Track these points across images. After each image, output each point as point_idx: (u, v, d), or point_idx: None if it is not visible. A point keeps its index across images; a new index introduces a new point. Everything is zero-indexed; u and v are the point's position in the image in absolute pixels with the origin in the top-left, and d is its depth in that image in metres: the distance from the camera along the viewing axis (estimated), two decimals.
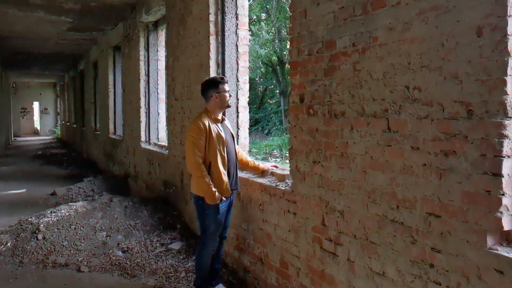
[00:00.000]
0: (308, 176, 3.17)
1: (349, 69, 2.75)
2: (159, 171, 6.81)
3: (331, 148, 2.92)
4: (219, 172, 3.60)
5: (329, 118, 2.93)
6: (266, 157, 12.79)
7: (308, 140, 3.16)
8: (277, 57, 25.06)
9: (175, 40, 5.89)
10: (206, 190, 3.53)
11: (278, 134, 23.21)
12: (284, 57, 26.05)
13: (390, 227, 2.46)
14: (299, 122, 3.26)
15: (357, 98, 2.70)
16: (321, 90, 3.01)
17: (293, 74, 3.32)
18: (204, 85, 3.77)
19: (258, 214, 3.87)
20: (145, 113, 7.77)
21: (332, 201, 2.92)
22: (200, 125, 3.57)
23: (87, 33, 10.46)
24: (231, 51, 4.79)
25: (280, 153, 12.43)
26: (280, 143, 18.98)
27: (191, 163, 3.57)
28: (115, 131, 10.64)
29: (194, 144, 3.55)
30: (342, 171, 2.83)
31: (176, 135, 5.96)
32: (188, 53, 5.41)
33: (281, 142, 19.37)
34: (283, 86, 25.42)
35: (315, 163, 3.09)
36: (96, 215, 5.42)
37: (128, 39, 8.46)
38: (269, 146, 18.61)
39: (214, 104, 3.69)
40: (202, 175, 3.52)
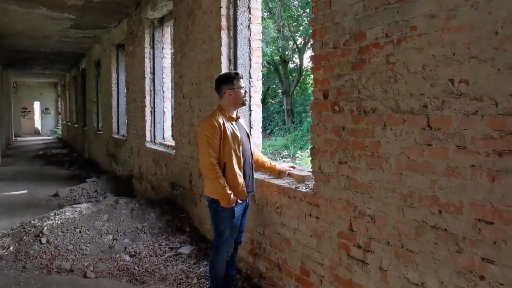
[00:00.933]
0: (333, 178, 2.96)
1: (382, 62, 2.54)
2: (165, 171, 6.60)
3: (360, 147, 2.71)
4: (235, 174, 3.38)
5: (358, 115, 2.72)
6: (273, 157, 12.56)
7: (333, 139, 2.95)
8: (280, 57, 24.90)
9: (183, 36, 5.67)
10: (221, 192, 3.32)
11: (281, 134, 23.02)
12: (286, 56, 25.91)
13: (430, 234, 2.25)
14: (323, 119, 3.05)
15: (390, 94, 2.48)
16: (348, 85, 2.80)
17: (316, 69, 3.11)
18: (218, 81, 3.55)
19: (276, 217, 3.66)
20: (150, 112, 7.56)
21: (361, 205, 2.71)
22: (214, 124, 3.35)
23: (89, 31, 10.24)
24: (244, 47, 4.58)
25: (289, 153, 12.21)
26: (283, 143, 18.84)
27: (205, 164, 3.35)
28: (118, 130, 10.43)
29: (208, 143, 3.33)
30: (373, 172, 2.61)
31: (184, 135, 5.75)
32: (198, 49, 5.20)
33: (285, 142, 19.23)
34: (285, 86, 25.23)
35: (341, 163, 2.88)
36: (102, 218, 5.20)
37: (133, 36, 8.25)
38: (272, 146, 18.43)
39: (228, 101, 3.48)
40: (216, 177, 3.31)
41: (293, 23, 23.89)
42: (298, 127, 21.48)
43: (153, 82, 7.52)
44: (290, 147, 16.13)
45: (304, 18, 24.79)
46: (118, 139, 9.90)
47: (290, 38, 24.01)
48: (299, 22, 24.66)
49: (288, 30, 22.92)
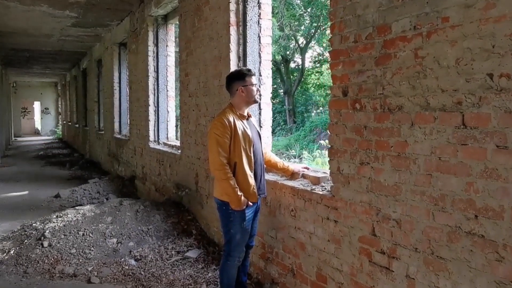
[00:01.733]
0: (353, 180, 2.80)
1: (409, 57, 2.38)
2: (170, 172, 6.43)
3: (385, 147, 2.55)
4: (245, 174, 3.22)
5: (382, 113, 2.56)
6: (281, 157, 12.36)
7: (354, 139, 2.79)
8: (281, 56, 24.74)
9: (189, 33, 5.51)
10: (231, 194, 3.16)
11: (283, 134, 22.87)
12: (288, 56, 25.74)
13: (465, 240, 2.09)
14: (342, 118, 2.89)
15: (419, 90, 2.32)
16: (371, 82, 2.64)
17: (334, 65, 2.95)
18: (229, 78, 3.39)
19: (289, 221, 3.49)
20: (154, 111, 7.41)
21: (386, 208, 2.55)
22: (224, 122, 3.19)
23: (91, 29, 10.09)
24: (253, 43, 4.42)
25: (295, 154, 11.99)
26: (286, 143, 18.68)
27: (214, 164, 3.19)
28: (120, 130, 10.27)
29: (218, 142, 3.17)
30: (399, 174, 2.45)
31: (190, 134, 5.59)
32: (205, 46, 5.04)
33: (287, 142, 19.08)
34: (287, 86, 25.07)
35: (362, 164, 2.72)
36: (106, 220, 5.04)
37: (136, 34, 8.09)
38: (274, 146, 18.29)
39: (239, 98, 3.32)
40: (227, 177, 3.15)
41: (294, 22, 23.74)
42: (300, 127, 21.34)
43: (157, 81, 7.37)
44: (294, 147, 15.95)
45: (306, 18, 24.68)
46: (120, 139, 9.74)
47: (292, 37, 23.85)
48: (301, 21, 24.53)
49: (290, 29, 22.75)
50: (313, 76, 28.68)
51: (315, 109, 24.92)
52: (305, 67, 25.29)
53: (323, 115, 20.01)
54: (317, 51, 27.31)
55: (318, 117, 19.98)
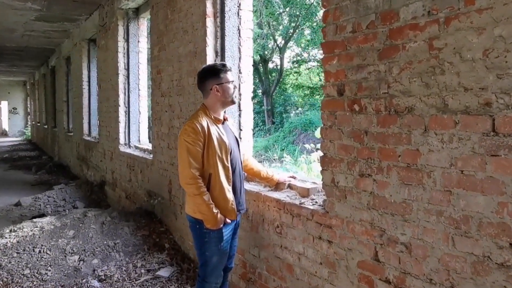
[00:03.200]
0: (351, 194, 2.38)
1: (422, 48, 1.97)
2: (141, 178, 5.91)
3: (390, 156, 2.14)
4: (222, 188, 2.76)
5: (387, 115, 2.15)
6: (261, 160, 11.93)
7: (352, 146, 2.37)
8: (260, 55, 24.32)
9: (161, 26, 5.02)
10: (205, 211, 2.69)
11: (261, 135, 22.45)
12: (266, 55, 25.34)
13: (497, 274, 1.69)
14: (337, 121, 2.47)
15: (434, 88, 1.92)
16: (373, 79, 2.23)
17: (328, 59, 2.53)
18: (201, 75, 2.91)
19: (275, 238, 3.06)
20: (124, 112, 6.85)
21: (392, 230, 2.14)
22: (196, 127, 2.72)
23: (58, 24, 9.41)
24: (232, 36, 3.96)
25: (272, 155, 11.51)
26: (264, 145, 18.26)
27: (185, 177, 2.71)
28: (90, 132, 9.64)
29: (189, 151, 2.70)
30: (408, 189, 2.05)
31: (162, 138, 5.09)
32: (179, 40, 4.55)
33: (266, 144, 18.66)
34: (265, 86, 24.68)
35: (363, 176, 2.30)
36: (67, 234, 4.49)
37: (105, 29, 7.52)
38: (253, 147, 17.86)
39: (214, 99, 2.85)
40: (199, 192, 2.68)
41: (273, 22, 23.41)
42: (279, 128, 20.99)
43: (128, 79, 6.82)
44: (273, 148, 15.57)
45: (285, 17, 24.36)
46: (90, 142, 9.12)
47: (270, 37, 23.48)
48: (279, 21, 24.20)
49: (269, 28, 22.38)
50: (292, 76, 28.42)
51: (294, 109, 24.61)
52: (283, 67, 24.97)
53: (303, 116, 19.68)
54: (295, 51, 27.10)
55: (298, 118, 19.64)
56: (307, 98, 27.56)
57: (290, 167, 7.38)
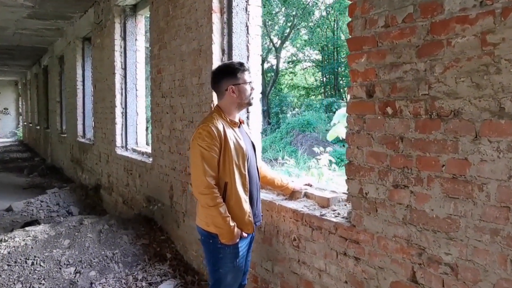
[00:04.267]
0: (383, 207, 2.14)
1: (471, 44, 1.74)
2: (140, 183, 5.64)
3: (432, 166, 1.90)
4: (239, 198, 2.51)
5: (428, 120, 1.91)
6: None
7: (384, 153, 2.13)
8: None
9: (162, 23, 4.75)
10: (221, 224, 2.43)
11: None
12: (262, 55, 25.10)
13: None
14: (367, 126, 2.22)
15: (488, 90, 1.69)
16: (410, 78, 1.99)
17: (355, 57, 2.29)
18: (216, 75, 2.66)
19: (291, 252, 2.81)
20: (121, 113, 6.58)
21: (434, 248, 1.90)
22: (212, 131, 2.47)
23: (51, 22, 9.10)
24: (240, 34, 3.71)
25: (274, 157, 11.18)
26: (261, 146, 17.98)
27: (199, 185, 2.45)
28: (84, 134, 9.34)
29: (203, 157, 2.45)
30: (455, 203, 1.81)
31: (163, 141, 4.82)
32: (181, 37, 4.29)
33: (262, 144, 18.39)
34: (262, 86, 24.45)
35: (397, 187, 2.06)
36: (62, 244, 4.21)
37: (101, 27, 7.23)
38: None
39: (230, 100, 2.60)
40: (215, 204, 2.42)
41: (269, 22, 23.21)
42: (276, 129, 20.75)
43: (125, 79, 6.54)
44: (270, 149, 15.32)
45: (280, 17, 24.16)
46: (84, 144, 8.82)
47: (266, 37, 23.24)
48: (275, 20, 23.99)
49: (265, 27, 22.13)
50: (287, 77, 28.23)
51: (290, 110, 24.41)
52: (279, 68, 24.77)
53: (300, 116, 19.46)
54: (290, 51, 26.92)
55: (295, 119, 19.40)
56: (302, 99, 27.41)
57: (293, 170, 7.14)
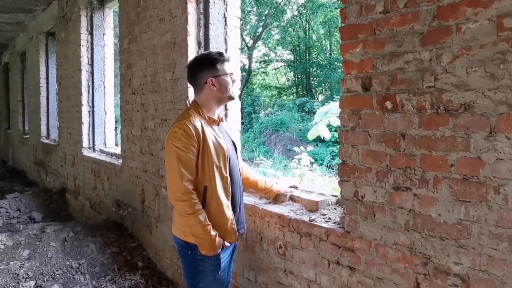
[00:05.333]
0: (382, 211, 1.94)
1: (485, 29, 1.56)
2: (108, 186, 5.28)
3: (439, 166, 1.71)
4: (220, 204, 2.26)
5: (434, 115, 1.72)
6: None
7: (383, 152, 1.93)
8: None
9: (132, 15, 4.43)
10: (201, 234, 2.17)
11: None
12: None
13: None
14: (363, 122, 2.02)
15: (505, 79, 1.51)
16: (413, 69, 1.80)
17: (349, 47, 2.08)
18: (193, 66, 2.39)
19: (276, 261, 2.58)
20: (88, 112, 6.19)
21: (441, 257, 1.71)
22: (188, 129, 2.20)
23: (11, 15, 8.54)
24: (218, 25, 3.46)
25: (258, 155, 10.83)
26: None
27: (175, 191, 2.18)
28: (49, 134, 8.82)
29: (180, 159, 2.18)
30: (466, 207, 1.63)
31: (133, 141, 4.50)
32: (153, 29, 4.00)
33: None
34: None
35: (399, 190, 1.87)
36: (20, 255, 3.84)
37: (65, 21, 6.80)
38: None
39: (209, 94, 2.34)
40: (194, 211, 2.16)
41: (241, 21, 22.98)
42: (248, 128, 20.56)
43: (92, 75, 6.15)
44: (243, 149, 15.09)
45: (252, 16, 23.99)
46: (48, 145, 8.32)
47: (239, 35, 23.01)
48: (247, 20, 23.82)
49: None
50: (259, 76, 28.09)
51: (263, 110, 24.27)
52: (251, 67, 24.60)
53: (273, 116, 19.32)
54: (262, 51, 26.81)
55: (268, 118, 19.24)
56: (274, 99, 27.32)
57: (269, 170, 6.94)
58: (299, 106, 20.44)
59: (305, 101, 20.74)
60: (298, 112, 19.56)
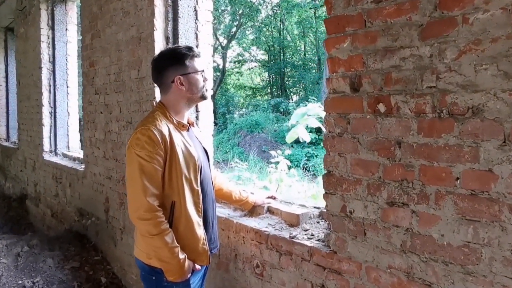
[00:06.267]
0: (374, 229, 1.70)
1: (498, 20, 1.33)
2: (71, 193, 4.89)
3: (442, 179, 1.48)
4: (190, 222, 1.96)
5: (436, 119, 1.49)
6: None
7: (376, 162, 1.69)
8: None
9: (95, 8, 4.08)
10: (167, 257, 1.87)
11: None
12: None
13: None
14: (352, 127, 1.77)
15: None
16: (411, 67, 1.56)
17: (335, 41, 1.83)
18: (159, 63, 2.07)
19: (253, 281, 2.31)
20: (49, 113, 5.76)
21: (445, 285, 1.48)
22: (153, 135, 1.89)
23: None
24: (188, 19, 3.16)
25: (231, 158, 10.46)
26: None
27: (137, 207, 1.87)
28: (8, 136, 8.30)
29: (143, 171, 1.87)
30: (474, 227, 1.40)
31: (96, 145, 4.15)
32: (117, 24, 3.66)
33: None
34: None
35: (394, 205, 1.62)
36: None
37: (24, 14, 6.33)
38: None
39: (178, 95, 2.04)
40: (159, 231, 1.85)
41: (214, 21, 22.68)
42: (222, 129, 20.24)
43: (53, 74, 5.73)
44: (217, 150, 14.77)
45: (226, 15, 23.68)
46: (8, 148, 7.79)
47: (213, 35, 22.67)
48: (220, 19, 23.51)
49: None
50: (233, 76, 27.81)
51: (237, 110, 23.99)
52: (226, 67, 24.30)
53: (248, 116, 19.05)
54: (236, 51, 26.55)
55: (242, 119, 18.96)
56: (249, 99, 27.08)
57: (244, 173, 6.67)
58: (274, 107, 20.25)
59: (280, 101, 20.57)
60: (273, 113, 19.37)
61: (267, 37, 24.51)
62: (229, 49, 25.13)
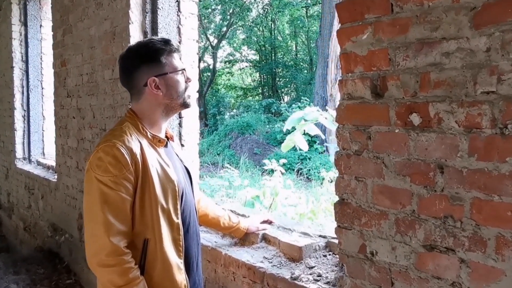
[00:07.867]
0: (405, 279, 1.29)
1: None
2: (43, 206, 4.43)
3: (506, 219, 1.08)
4: (168, 265, 1.51)
5: (497, 137, 1.09)
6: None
7: (408, 191, 1.28)
8: None
9: (66, 0, 3.63)
10: None
11: None
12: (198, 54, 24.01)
13: None
14: (374, 144, 1.36)
15: None
16: (458, 65, 1.15)
17: (350, 32, 1.42)
18: (127, 61, 1.61)
19: None
20: (22, 117, 5.29)
21: None
22: (121, 154, 1.44)
23: None
24: (169, 11, 2.74)
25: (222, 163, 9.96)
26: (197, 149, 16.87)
27: (98, 251, 1.41)
28: None
29: (106, 201, 1.43)
30: None
31: (69, 154, 3.70)
32: (90, 17, 3.22)
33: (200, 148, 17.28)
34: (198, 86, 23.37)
35: (433, 250, 1.22)
36: None
37: None
38: None
39: (152, 101, 1.58)
40: (127, 281, 1.40)
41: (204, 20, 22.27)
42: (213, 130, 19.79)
43: (27, 74, 5.27)
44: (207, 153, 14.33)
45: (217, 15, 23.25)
46: None
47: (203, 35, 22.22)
48: (210, 19, 23.09)
49: (201, 26, 21.11)
50: (224, 77, 27.37)
51: (228, 111, 23.56)
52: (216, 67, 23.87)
53: (239, 118, 18.61)
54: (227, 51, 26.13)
55: (234, 120, 18.52)
56: (240, 99, 26.64)
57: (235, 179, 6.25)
58: (266, 108, 19.85)
59: (272, 102, 20.19)
60: (265, 114, 18.96)
61: (258, 36, 24.12)
62: (219, 49, 24.70)
